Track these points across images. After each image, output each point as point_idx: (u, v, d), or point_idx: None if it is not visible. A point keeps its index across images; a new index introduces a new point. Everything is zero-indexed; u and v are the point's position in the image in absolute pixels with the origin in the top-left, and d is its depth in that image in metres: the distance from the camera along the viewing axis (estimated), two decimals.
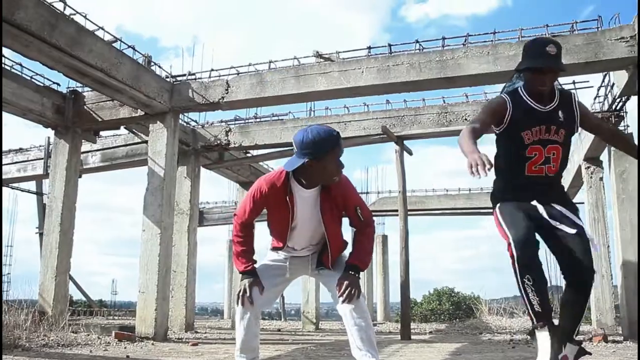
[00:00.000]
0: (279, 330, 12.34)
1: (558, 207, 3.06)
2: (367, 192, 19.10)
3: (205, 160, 11.66)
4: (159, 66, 8.62)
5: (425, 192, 17.43)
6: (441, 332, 12.10)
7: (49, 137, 11.96)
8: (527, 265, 2.84)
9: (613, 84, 8.84)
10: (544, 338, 2.85)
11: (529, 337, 3.05)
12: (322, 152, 2.96)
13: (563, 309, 3.03)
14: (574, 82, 9.29)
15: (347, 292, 2.97)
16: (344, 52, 8.29)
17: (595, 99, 9.76)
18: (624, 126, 9.40)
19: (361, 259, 3.15)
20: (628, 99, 8.58)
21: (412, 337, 9.20)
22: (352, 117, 10.69)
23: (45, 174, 12.05)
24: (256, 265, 3.23)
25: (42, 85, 9.13)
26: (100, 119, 9.11)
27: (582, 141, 11.43)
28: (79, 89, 9.31)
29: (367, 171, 20.76)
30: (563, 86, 9.27)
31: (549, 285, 3.11)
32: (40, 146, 12.48)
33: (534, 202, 3.04)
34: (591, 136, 10.18)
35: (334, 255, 3.19)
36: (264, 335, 9.67)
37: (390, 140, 9.99)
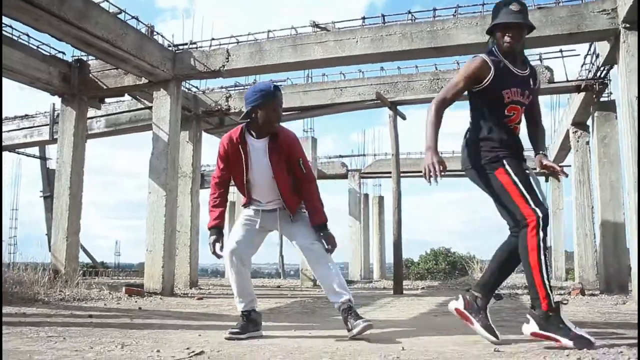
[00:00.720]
0: (278, 286, 12.94)
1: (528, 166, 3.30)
2: (364, 155, 19.61)
3: (206, 125, 12.05)
4: (162, 36, 8.97)
5: (420, 155, 17.90)
6: (433, 288, 12.69)
7: (54, 104, 12.32)
8: (545, 241, 2.98)
9: (598, 54, 9.19)
10: (568, 322, 2.93)
11: (550, 313, 2.94)
12: (262, 100, 3.54)
13: (502, 262, 3.26)
14: (561, 51, 9.66)
15: (331, 245, 3.60)
16: (339, 22, 8.64)
17: (582, 66, 10.13)
18: (608, 93, 9.79)
19: (321, 216, 3.64)
20: (611, 67, 8.94)
21: (405, 292, 9.77)
22: (347, 83, 11.07)
23: (51, 140, 12.44)
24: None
25: (48, 54, 9.46)
26: (105, 87, 9.48)
27: (570, 106, 11.85)
28: (84, 58, 9.64)
29: (363, 134, 21.19)
30: (543, 61, 9.70)
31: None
32: (45, 112, 12.84)
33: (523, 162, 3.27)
34: (579, 101, 10.61)
35: (288, 203, 3.65)
36: (265, 291, 10.27)
37: (384, 106, 10.39)
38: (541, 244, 2.94)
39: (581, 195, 11.52)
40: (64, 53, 9.68)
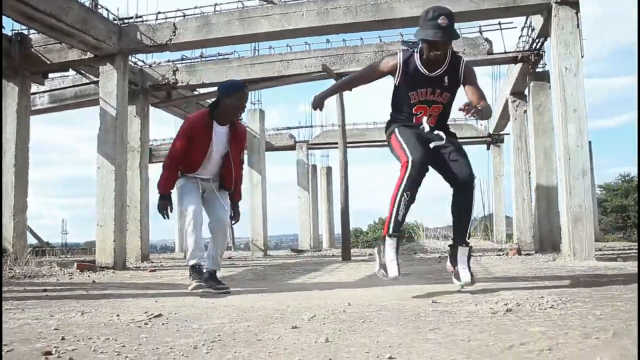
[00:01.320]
0: (229, 257, 13.11)
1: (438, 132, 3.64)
2: (311, 126, 19.80)
3: (153, 99, 11.97)
4: (107, 9, 8.84)
5: (367, 125, 18.26)
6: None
7: None
8: (412, 184, 3.40)
9: (533, 27, 9.60)
10: (392, 244, 3.47)
11: (376, 241, 3.66)
12: (232, 91, 4.42)
13: (456, 214, 3.64)
14: (499, 24, 10.07)
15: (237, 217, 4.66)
16: None
17: (519, 38, 10.56)
18: (542, 64, 10.26)
19: (239, 194, 4.72)
20: (545, 39, 9.37)
21: (353, 259, 10.12)
22: (294, 55, 11.20)
23: None
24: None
25: None
26: (49, 62, 9.30)
27: (509, 77, 12.33)
28: (25, 32, 9.41)
29: (310, 106, 21.20)
30: (483, 33, 10.05)
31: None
32: None
33: (424, 122, 3.61)
34: (516, 71, 11.07)
35: (228, 182, 4.53)
36: None
37: (331, 78, 10.58)
38: (404, 182, 3.39)
39: (519, 161, 12.08)
40: (3, 27, 9.41)
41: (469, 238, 3.69)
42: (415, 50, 3.60)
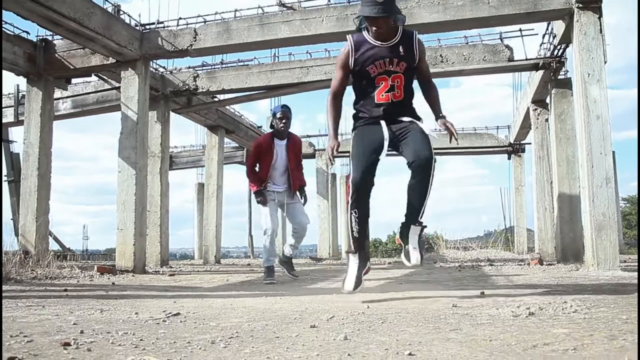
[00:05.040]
0: (248, 264, 13.12)
1: (401, 120, 3.64)
2: None
3: (174, 105, 12.05)
4: (129, 15, 8.94)
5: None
6: (400, 263, 12.99)
7: (18, 85, 12.15)
8: (357, 201, 3.57)
9: (555, 34, 9.50)
10: (354, 260, 3.79)
11: (345, 255, 4.05)
12: (274, 114, 6.18)
13: (409, 193, 3.59)
14: (520, 30, 9.98)
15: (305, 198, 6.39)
16: (305, 0, 8.74)
17: (540, 45, 10.45)
18: (564, 71, 10.15)
19: (302, 182, 6.34)
20: (567, 46, 9.27)
21: (372, 267, 10.03)
22: (314, 62, 11.21)
23: (16, 121, 12.29)
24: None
25: (12, 34, 9.34)
26: (72, 67, 9.43)
27: (530, 85, 12.21)
28: (49, 37, 9.56)
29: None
30: (503, 40, 9.99)
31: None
32: (9, 94, 12.64)
33: (382, 123, 3.60)
34: (538, 79, 10.96)
35: (295, 186, 6.17)
36: (236, 269, 10.44)
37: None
38: (350, 201, 3.60)
39: (541, 170, 11.94)
40: (28, 32, 9.59)
41: (421, 217, 3.64)
42: (362, 29, 3.62)
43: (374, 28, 3.46)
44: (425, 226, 3.70)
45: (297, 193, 6.26)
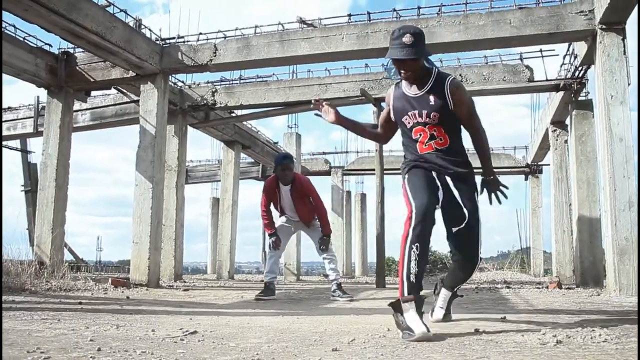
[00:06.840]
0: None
1: (452, 184, 3.30)
2: (346, 152, 19.74)
3: (191, 119, 12.10)
4: (149, 29, 9.01)
5: (402, 153, 18.06)
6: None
7: (38, 97, 12.27)
8: (420, 235, 2.99)
9: (576, 54, 9.42)
10: (413, 314, 2.93)
11: (392, 307, 3.00)
12: (275, 166, 6.46)
13: (451, 274, 3.77)
14: (541, 51, 9.91)
15: (325, 246, 6.56)
16: (325, 18, 8.79)
17: (561, 66, 10.37)
18: (585, 92, 10.05)
19: (327, 229, 6.58)
20: (589, 67, 9.19)
21: (387, 287, 9.94)
22: (332, 79, 11.21)
23: (35, 132, 12.39)
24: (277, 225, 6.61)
25: (35, 46, 9.44)
26: (92, 80, 9.50)
27: (549, 106, 12.12)
28: (71, 50, 9.65)
29: (346, 131, 21.15)
30: (523, 60, 9.91)
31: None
32: (29, 105, 12.77)
33: (433, 174, 3.28)
34: (558, 100, 10.87)
35: (304, 220, 6.56)
36: (250, 285, 10.37)
37: (369, 102, 10.55)
38: (410, 233, 2.99)
39: (559, 192, 11.79)
40: (50, 45, 9.69)
41: (458, 290, 3.82)
42: (394, 76, 3.43)
43: (402, 73, 3.25)
44: (461, 296, 3.91)
45: (315, 222, 6.59)
